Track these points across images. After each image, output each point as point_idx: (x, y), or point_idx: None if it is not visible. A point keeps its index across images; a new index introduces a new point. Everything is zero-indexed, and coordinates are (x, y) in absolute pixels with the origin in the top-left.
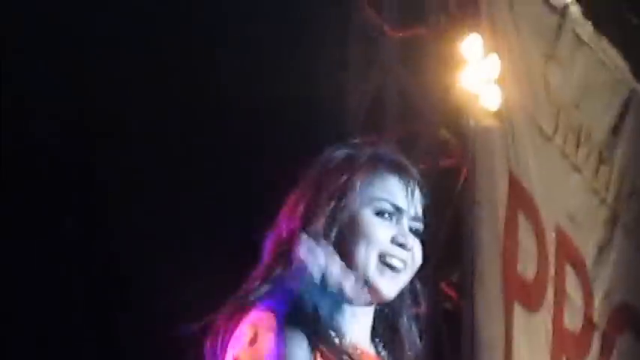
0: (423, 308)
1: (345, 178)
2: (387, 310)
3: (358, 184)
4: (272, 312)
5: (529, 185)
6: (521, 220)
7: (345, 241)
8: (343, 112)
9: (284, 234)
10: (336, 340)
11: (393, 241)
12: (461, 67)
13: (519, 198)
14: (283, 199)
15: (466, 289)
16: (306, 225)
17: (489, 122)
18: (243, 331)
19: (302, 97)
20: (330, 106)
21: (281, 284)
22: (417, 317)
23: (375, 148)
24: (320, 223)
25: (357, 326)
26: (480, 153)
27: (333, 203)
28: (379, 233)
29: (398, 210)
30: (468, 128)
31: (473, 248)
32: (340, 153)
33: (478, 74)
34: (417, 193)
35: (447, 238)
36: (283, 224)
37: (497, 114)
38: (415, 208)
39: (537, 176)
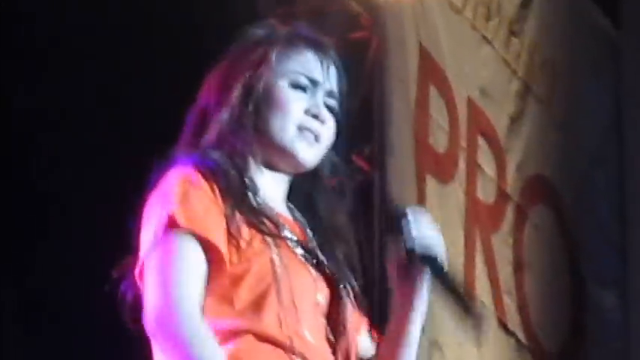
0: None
1: (260, 51)
2: (302, 181)
3: (274, 56)
4: (195, 168)
5: (440, 58)
6: (433, 93)
7: (262, 112)
8: None
9: (203, 107)
10: (255, 202)
11: (307, 112)
12: None
13: (430, 70)
14: (202, 77)
15: (377, 161)
16: (223, 96)
17: None
18: (173, 186)
19: None
20: None
21: (202, 151)
22: (333, 189)
23: (291, 26)
24: (235, 95)
25: (274, 192)
26: (390, 25)
27: (248, 74)
28: (294, 104)
29: (313, 83)
30: (378, 0)
31: (384, 120)
32: (256, 31)
33: None
34: (333, 70)
35: (358, 111)
36: (202, 99)
37: None
38: (330, 83)
39: (448, 49)
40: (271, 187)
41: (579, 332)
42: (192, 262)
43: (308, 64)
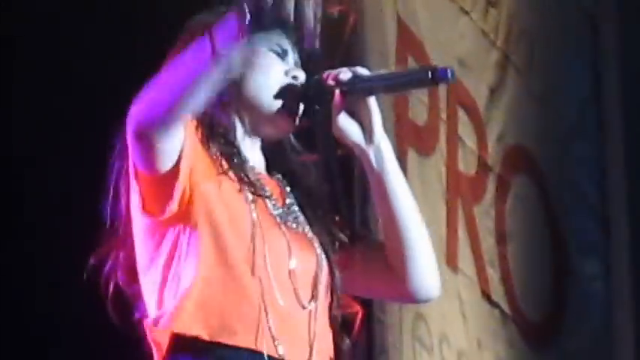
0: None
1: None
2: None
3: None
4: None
5: (417, 30)
6: (412, 65)
7: (245, 76)
8: None
9: None
10: (240, 162)
11: (287, 74)
12: None
13: (409, 43)
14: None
15: None
16: None
17: None
18: None
19: None
20: None
21: None
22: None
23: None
24: None
25: (256, 156)
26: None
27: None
28: (275, 65)
29: (284, 52)
30: None
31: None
32: (212, 13)
33: None
34: (296, 41)
35: None
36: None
37: None
38: (296, 55)
39: (426, 21)
40: (254, 154)
41: (562, 302)
42: None
43: (276, 34)
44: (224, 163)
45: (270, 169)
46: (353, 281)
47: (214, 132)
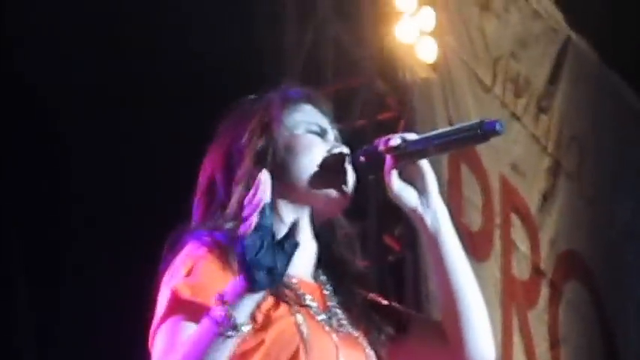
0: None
1: (262, 115)
2: (323, 238)
3: (280, 114)
4: (208, 244)
5: None
6: (464, 172)
7: (286, 164)
8: (280, 67)
9: (209, 183)
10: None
11: (330, 152)
12: (396, 18)
13: (462, 150)
14: None
15: (409, 241)
16: (233, 169)
17: (427, 74)
18: (181, 262)
19: (238, 52)
20: (267, 60)
21: (216, 224)
22: (352, 240)
23: (279, 88)
24: (248, 163)
25: (296, 255)
26: (418, 105)
27: (256, 139)
28: (317, 145)
29: (323, 130)
30: (405, 81)
31: None
32: (247, 99)
33: (414, 26)
34: (332, 118)
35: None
36: (207, 176)
37: (435, 66)
38: (334, 131)
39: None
40: (299, 247)
41: None
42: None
43: (313, 115)
44: None
45: (320, 258)
46: None
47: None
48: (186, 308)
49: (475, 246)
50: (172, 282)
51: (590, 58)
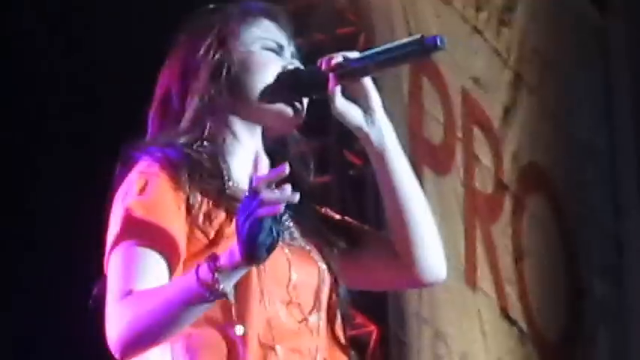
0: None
1: (220, 28)
2: (276, 154)
3: (237, 29)
4: (160, 160)
5: None
6: (425, 85)
7: (241, 80)
8: None
9: (164, 97)
10: (227, 185)
11: (285, 69)
12: None
13: (422, 63)
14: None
15: None
16: (188, 82)
17: None
18: (132, 181)
19: None
20: None
21: (170, 140)
22: (306, 155)
23: (238, 2)
24: (203, 77)
25: (249, 171)
26: (377, 19)
27: (213, 53)
28: (272, 63)
29: (280, 47)
30: None
31: None
32: (206, 10)
33: None
34: (289, 34)
35: None
36: (162, 89)
37: None
38: (292, 48)
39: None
40: (251, 160)
41: (577, 320)
42: (152, 270)
43: (270, 30)
44: (208, 203)
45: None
46: (359, 277)
47: (194, 172)
48: (140, 228)
49: (436, 159)
50: (125, 200)
51: None
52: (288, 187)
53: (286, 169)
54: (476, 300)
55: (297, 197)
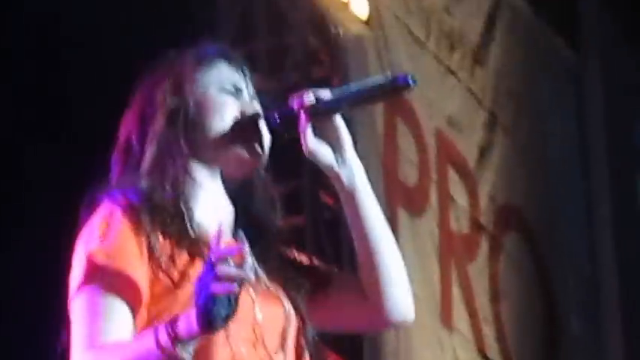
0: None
1: (176, 73)
2: (242, 198)
3: (193, 72)
4: (121, 204)
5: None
6: (400, 126)
7: (198, 123)
8: (212, 23)
9: (125, 143)
10: (189, 228)
11: (243, 113)
12: None
13: (396, 104)
14: None
15: None
16: (146, 127)
17: (359, 30)
18: (96, 224)
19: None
20: (199, 15)
21: (130, 184)
22: (273, 197)
23: (195, 47)
24: (160, 121)
25: (212, 215)
26: (351, 61)
27: (169, 98)
28: (229, 105)
29: (237, 90)
30: (337, 37)
31: None
32: (164, 56)
33: None
34: (248, 75)
35: None
36: (123, 136)
37: (368, 21)
38: (250, 89)
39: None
40: (214, 205)
41: (554, 357)
42: (115, 319)
43: (227, 72)
44: (171, 245)
45: (237, 219)
46: (326, 319)
47: (156, 215)
48: (103, 274)
49: (411, 200)
50: (88, 247)
51: (524, 12)
52: (246, 265)
53: (245, 248)
54: (452, 340)
55: (252, 277)
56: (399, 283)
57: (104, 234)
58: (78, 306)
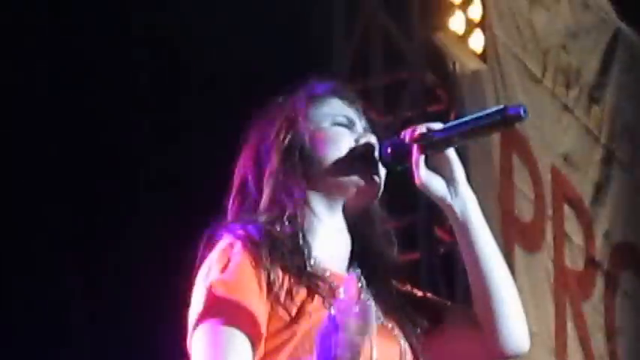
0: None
1: (288, 112)
2: (359, 232)
3: (305, 109)
4: (242, 238)
5: (522, 127)
6: (516, 163)
7: (314, 156)
8: (329, 60)
9: (242, 182)
10: (307, 263)
11: (358, 142)
12: (446, 9)
13: (513, 140)
14: None
15: None
16: (263, 166)
17: (476, 66)
18: (215, 258)
19: (288, 45)
20: (315, 54)
21: (250, 218)
22: (389, 232)
23: (306, 85)
24: (276, 158)
25: (330, 249)
26: (467, 97)
27: (283, 136)
28: (344, 136)
29: (350, 122)
30: (454, 72)
31: None
32: (272, 104)
33: (463, 17)
34: (360, 109)
35: None
36: (240, 175)
37: (484, 57)
38: (363, 122)
39: (530, 118)
40: (332, 238)
41: None
42: (237, 351)
43: (339, 107)
44: (290, 280)
45: (353, 252)
46: (441, 353)
47: (275, 250)
48: (223, 307)
49: (526, 237)
50: (208, 279)
51: None
52: (368, 314)
53: (368, 302)
54: None
55: (374, 327)
56: (515, 314)
57: (224, 267)
58: (199, 338)
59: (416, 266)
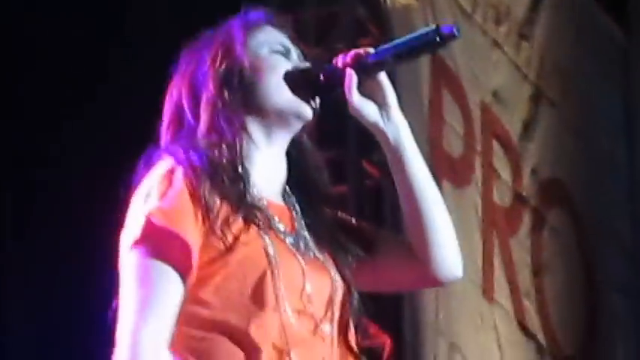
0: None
1: (225, 39)
2: (292, 161)
3: (242, 36)
4: (183, 163)
5: (452, 63)
6: (446, 98)
7: (253, 84)
8: None
9: (176, 108)
10: (245, 193)
11: (295, 68)
12: None
13: (443, 76)
14: None
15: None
16: (200, 92)
17: (407, 0)
18: (156, 181)
19: None
20: None
21: (190, 143)
22: (321, 164)
23: (240, 14)
24: (213, 85)
25: (272, 172)
26: (398, 31)
27: (220, 61)
28: (281, 65)
29: (287, 50)
30: (385, 6)
31: None
32: (209, 31)
33: None
34: (293, 37)
35: None
36: (174, 101)
37: None
38: (297, 50)
39: (460, 54)
40: (269, 167)
41: (595, 335)
42: (166, 289)
43: (275, 35)
44: (227, 208)
45: (290, 177)
46: (374, 280)
47: (215, 178)
48: (158, 237)
49: (455, 172)
50: (146, 205)
51: None
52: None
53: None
54: (493, 313)
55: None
56: (449, 242)
57: (164, 193)
58: (130, 265)
59: (344, 199)
